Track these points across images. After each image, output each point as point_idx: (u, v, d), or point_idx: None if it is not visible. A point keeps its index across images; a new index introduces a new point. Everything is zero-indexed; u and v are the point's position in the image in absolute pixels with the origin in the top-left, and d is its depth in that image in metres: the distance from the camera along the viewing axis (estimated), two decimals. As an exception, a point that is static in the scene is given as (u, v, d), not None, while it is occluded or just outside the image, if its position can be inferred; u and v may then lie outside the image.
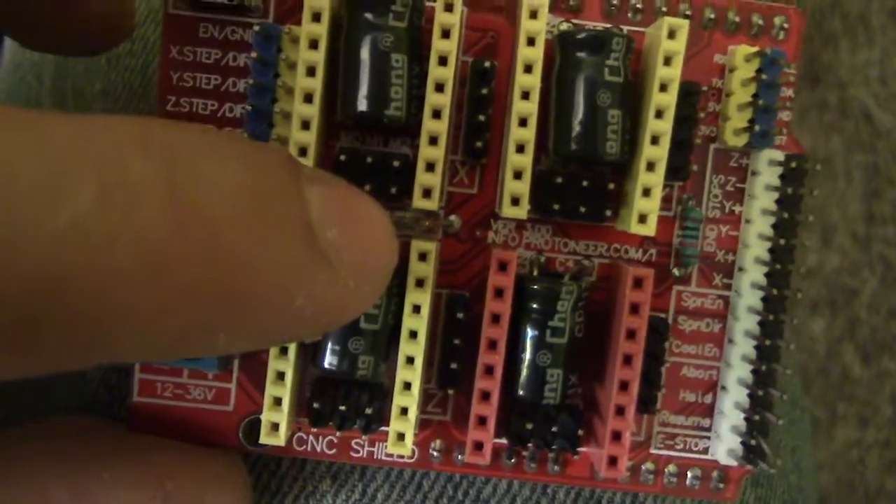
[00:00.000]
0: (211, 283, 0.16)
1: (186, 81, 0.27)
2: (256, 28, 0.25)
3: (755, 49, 0.27)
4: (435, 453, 0.28)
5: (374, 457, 0.28)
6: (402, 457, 0.28)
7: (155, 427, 0.27)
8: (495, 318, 0.25)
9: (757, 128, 0.26)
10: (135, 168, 0.15)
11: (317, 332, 0.20)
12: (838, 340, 0.84)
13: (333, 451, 0.28)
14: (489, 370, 0.25)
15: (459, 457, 0.28)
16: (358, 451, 0.28)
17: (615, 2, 0.27)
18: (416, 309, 0.25)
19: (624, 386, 0.26)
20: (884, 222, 0.85)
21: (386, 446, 0.27)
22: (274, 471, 0.30)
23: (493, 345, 0.25)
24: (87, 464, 0.24)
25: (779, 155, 0.27)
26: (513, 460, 0.28)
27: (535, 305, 0.26)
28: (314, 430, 0.27)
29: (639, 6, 0.27)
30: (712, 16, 0.27)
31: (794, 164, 0.27)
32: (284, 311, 0.17)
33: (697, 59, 0.27)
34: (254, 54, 0.25)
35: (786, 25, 0.27)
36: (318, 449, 0.28)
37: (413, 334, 0.25)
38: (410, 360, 0.25)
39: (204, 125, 0.16)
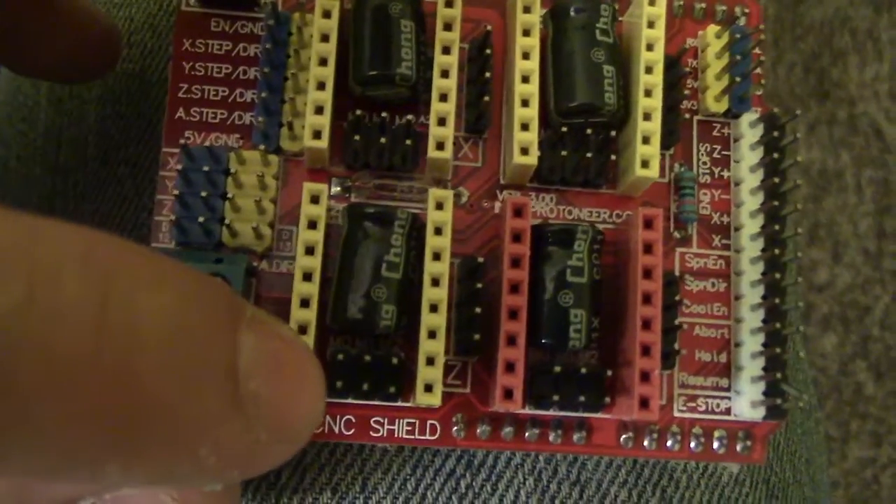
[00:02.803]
0: (112, 411, 0.15)
1: (198, 70, 0.28)
2: (263, 15, 0.27)
3: (722, 26, 0.29)
4: (457, 427, 0.27)
5: (395, 435, 0.27)
6: (424, 433, 0.27)
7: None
8: (515, 262, 0.26)
9: (731, 92, 0.29)
10: (68, 286, 0.14)
11: (220, 481, 0.19)
12: (851, 357, 0.83)
13: (352, 431, 0.27)
14: (513, 314, 0.25)
15: (482, 429, 0.27)
16: (378, 430, 0.27)
17: (594, -7, 0.30)
18: (437, 256, 0.25)
19: (646, 324, 0.26)
20: (895, 238, 0.85)
21: (406, 424, 0.27)
22: (273, 482, 0.28)
23: (514, 288, 0.25)
24: None
25: (756, 114, 0.29)
26: (537, 430, 0.27)
27: (552, 246, 0.26)
28: (329, 407, 0.26)
29: (615, -5, 0.30)
30: (681, 3, 0.30)
31: (771, 117, 0.29)
32: (186, 457, 0.16)
33: (672, 43, 0.30)
34: (270, 22, 0.27)
35: (746, 11, 0.30)
36: (336, 430, 0.27)
37: (435, 281, 0.25)
38: (434, 308, 0.25)
39: (149, 251, 0.16)
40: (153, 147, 0.31)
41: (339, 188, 0.28)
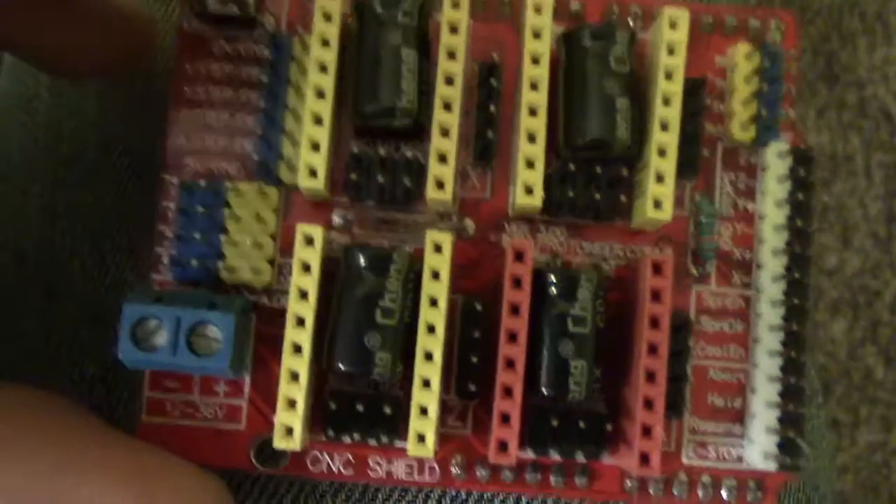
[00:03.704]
0: None
1: (199, 94, 0.27)
2: (263, 39, 0.26)
3: (753, 45, 0.27)
4: (456, 470, 0.26)
5: (394, 476, 0.26)
6: (422, 474, 0.26)
7: (164, 447, 0.26)
8: (514, 309, 0.25)
9: (764, 113, 0.27)
10: None
11: None
12: (860, 342, 0.81)
13: (350, 470, 0.26)
14: (510, 363, 0.25)
15: (480, 472, 0.26)
16: (376, 471, 0.26)
17: (616, 9, 0.28)
18: (434, 302, 0.25)
19: (651, 377, 0.25)
20: None
21: (404, 465, 0.26)
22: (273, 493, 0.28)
23: (512, 337, 0.25)
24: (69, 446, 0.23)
25: (786, 145, 0.27)
26: (538, 474, 0.26)
27: (554, 293, 0.25)
28: (328, 446, 0.26)
29: (638, 12, 0.28)
30: (710, 20, 0.28)
31: (801, 152, 0.27)
32: None
33: (699, 61, 0.28)
34: (266, 52, 0.26)
35: (782, 27, 0.28)
36: (335, 469, 0.26)
37: (431, 329, 0.25)
38: (429, 356, 0.24)
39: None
40: (151, 137, 0.30)
41: (340, 220, 0.27)
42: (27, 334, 0.30)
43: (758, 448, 0.26)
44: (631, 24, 0.28)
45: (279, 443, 0.24)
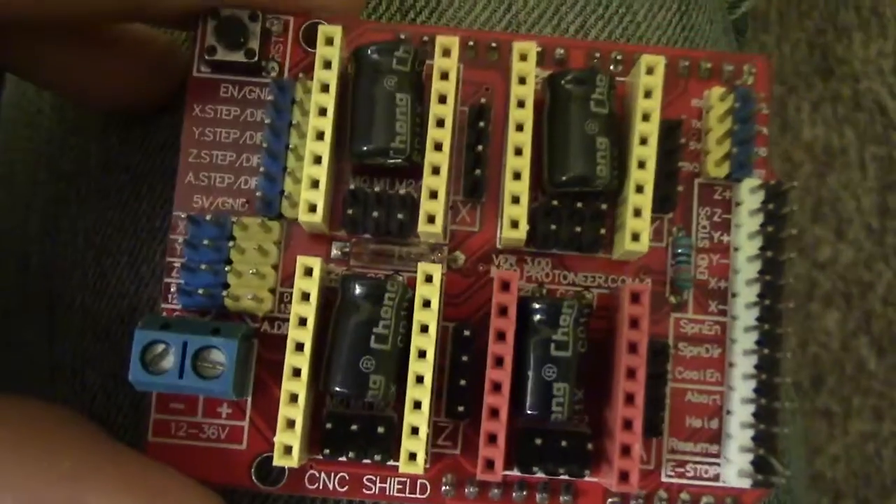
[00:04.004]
0: None
1: (207, 136, 0.29)
2: (269, 84, 0.28)
3: (727, 88, 0.29)
4: (447, 487, 0.28)
5: (387, 493, 0.28)
6: (414, 492, 0.28)
7: (170, 465, 0.27)
8: (500, 336, 0.26)
9: (736, 151, 0.28)
10: None
11: None
12: (854, 333, 0.82)
13: (346, 488, 0.28)
14: (497, 387, 0.26)
15: (469, 490, 0.28)
16: (371, 489, 0.28)
17: (597, 55, 0.30)
18: (424, 328, 0.26)
19: (629, 398, 0.26)
20: None
21: (397, 483, 0.28)
22: None
23: (499, 362, 0.26)
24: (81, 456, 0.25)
25: (758, 181, 0.29)
26: (524, 492, 0.28)
27: (538, 319, 0.27)
28: (325, 465, 0.28)
29: (619, 58, 0.30)
30: (686, 63, 0.30)
31: (773, 188, 0.28)
32: None
33: (676, 103, 0.30)
34: (271, 97, 0.28)
35: (753, 70, 0.30)
36: (331, 486, 0.28)
37: (422, 354, 0.26)
38: (420, 380, 0.26)
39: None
40: (150, 154, 0.32)
41: (338, 252, 0.29)
42: (31, 344, 0.32)
43: (734, 467, 0.28)
44: (612, 68, 0.30)
45: (279, 460, 0.26)
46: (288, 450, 0.26)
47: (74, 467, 0.25)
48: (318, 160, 0.27)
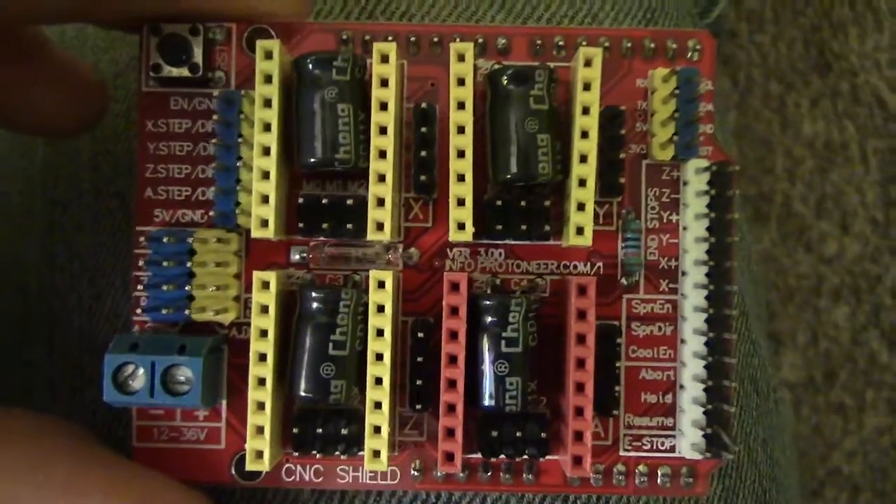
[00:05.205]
0: None
1: (162, 150, 0.30)
2: (216, 94, 0.28)
3: (670, 69, 0.29)
4: (415, 473, 0.30)
5: (359, 481, 0.30)
6: (385, 479, 0.30)
7: (156, 468, 0.29)
8: (453, 335, 0.27)
9: (678, 138, 0.29)
10: None
11: None
12: (864, 327, 0.84)
13: (320, 479, 0.30)
14: (452, 384, 0.27)
15: (438, 474, 0.29)
16: (343, 478, 0.30)
17: (539, 41, 0.30)
18: (380, 332, 0.27)
19: (580, 388, 0.27)
20: None
21: (368, 471, 0.29)
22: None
23: (453, 360, 0.27)
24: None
25: (704, 162, 0.29)
26: (489, 473, 0.29)
27: (488, 319, 0.28)
28: (299, 458, 0.29)
29: (561, 43, 0.30)
30: (629, 45, 0.30)
31: (719, 169, 0.29)
32: None
33: (622, 84, 0.30)
34: (212, 123, 0.29)
35: (698, 47, 0.30)
36: (306, 478, 0.30)
37: (379, 357, 0.27)
38: (379, 381, 0.27)
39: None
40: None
41: (298, 256, 0.30)
42: (33, 364, 0.34)
43: (687, 440, 0.29)
44: (555, 54, 0.30)
45: (251, 465, 0.27)
46: (259, 454, 0.28)
47: (66, 477, 0.26)
48: (265, 175, 0.28)
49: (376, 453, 0.27)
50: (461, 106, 0.28)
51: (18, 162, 0.36)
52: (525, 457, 0.29)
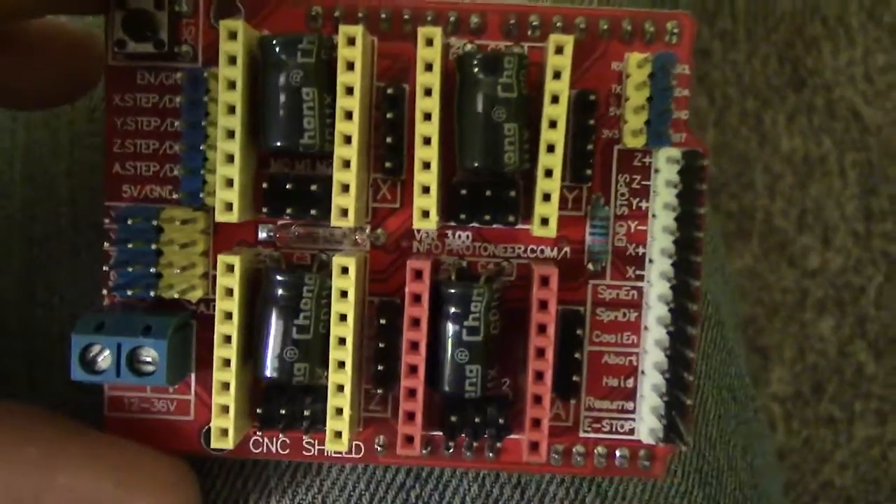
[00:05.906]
0: None
1: (129, 125, 0.30)
2: (180, 75, 0.28)
3: (645, 55, 0.28)
4: (379, 448, 0.30)
5: (325, 454, 0.30)
6: (350, 452, 0.30)
7: (127, 437, 0.30)
8: (414, 322, 0.28)
9: (650, 127, 0.28)
10: None
11: None
12: (849, 339, 0.85)
13: (287, 451, 0.30)
14: (413, 369, 0.28)
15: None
16: (309, 451, 0.31)
17: (513, 21, 0.29)
18: (343, 318, 0.28)
19: (539, 376, 0.28)
20: (883, 218, 0.86)
21: (335, 444, 0.30)
22: (238, 472, 0.33)
23: (414, 346, 0.28)
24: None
25: (676, 153, 0.28)
26: (451, 450, 0.30)
27: (450, 308, 0.28)
28: (265, 433, 0.30)
29: (535, 23, 0.29)
30: (606, 26, 0.29)
31: (690, 160, 0.28)
32: None
33: (596, 67, 0.29)
34: (179, 99, 0.28)
35: (676, 30, 0.29)
36: (273, 450, 0.30)
37: (342, 341, 0.28)
38: (341, 365, 0.28)
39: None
40: None
41: (265, 235, 0.30)
42: (10, 399, 0.34)
43: (646, 425, 0.30)
44: (529, 34, 0.29)
45: (216, 443, 0.28)
46: (224, 432, 0.28)
47: (41, 452, 0.27)
48: (230, 159, 0.27)
49: (338, 434, 0.28)
50: (428, 93, 0.27)
51: None
52: (486, 436, 0.29)
